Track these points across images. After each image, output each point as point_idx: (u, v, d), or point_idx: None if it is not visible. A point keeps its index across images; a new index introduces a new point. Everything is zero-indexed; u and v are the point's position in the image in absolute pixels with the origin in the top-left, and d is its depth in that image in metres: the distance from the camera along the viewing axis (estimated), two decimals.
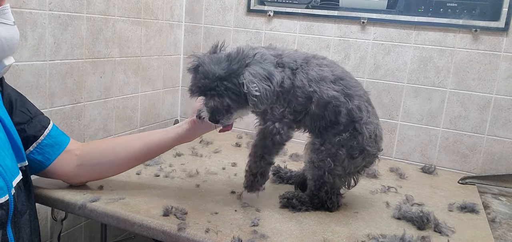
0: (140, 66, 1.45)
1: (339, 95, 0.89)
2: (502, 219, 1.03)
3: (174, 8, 1.59)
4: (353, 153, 0.90)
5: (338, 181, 0.93)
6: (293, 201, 0.94)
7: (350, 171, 0.93)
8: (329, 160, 0.90)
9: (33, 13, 1.04)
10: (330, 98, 0.88)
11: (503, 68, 1.28)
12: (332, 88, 0.89)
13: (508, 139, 1.31)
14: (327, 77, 0.89)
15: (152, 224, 0.82)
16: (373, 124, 0.92)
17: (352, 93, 0.91)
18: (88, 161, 0.92)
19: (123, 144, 0.96)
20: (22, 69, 1.04)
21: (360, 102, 0.91)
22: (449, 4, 1.31)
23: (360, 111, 0.91)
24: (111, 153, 0.94)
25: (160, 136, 0.95)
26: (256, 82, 0.80)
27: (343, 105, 0.89)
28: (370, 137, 0.91)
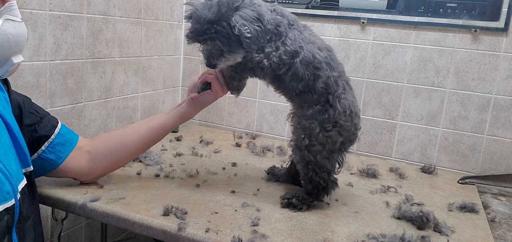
0: (140, 66, 1.45)
1: (322, 60, 0.91)
2: (502, 219, 1.03)
3: (174, 8, 1.59)
4: (326, 126, 0.90)
5: (321, 160, 0.92)
6: (293, 200, 0.94)
7: (330, 148, 0.92)
8: (305, 137, 0.91)
9: (34, 13, 1.04)
10: (314, 59, 0.90)
11: (503, 68, 1.28)
12: (318, 53, 0.91)
13: (507, 139, 1.31)
14: (316, 43, 0.93)
15: (152, 223, 0.82)
16: (347, 100, 0.93)
17: (334, 65, 0.93)
18: (99, 154, 0.95)
19: (130, 131, 0.99)
20: (22, 69, 1.04)
21: (339, 77, 0.93)
22: (449, 4, 1.31)
23: (336, 85, 0.92)
24: (120, 142, 0.97)
25: (164, 118, 0.99)
26: (247, 25, 0.84)
27: (323, 72, 0.91)
28: (344, 112, 0.91)
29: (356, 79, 1.45)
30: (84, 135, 1.25)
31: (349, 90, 0.95)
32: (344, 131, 0.92)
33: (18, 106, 0.84)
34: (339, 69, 0.94)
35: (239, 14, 0.84)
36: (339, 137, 0.92)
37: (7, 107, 0.78)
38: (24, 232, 0.73)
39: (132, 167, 1.12)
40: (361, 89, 1.45)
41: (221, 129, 1.66)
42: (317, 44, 0.93)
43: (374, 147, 1.46)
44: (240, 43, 0.85)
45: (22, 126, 0.83)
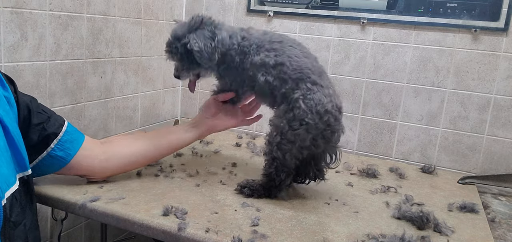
0: (140, 66, 1.45)
1: (273, 79, 0.97)
2: (502, 219, 1.03)
3: (174, 8, 1.59)
4: (293, 125, 0.93)
5: (288, 158, 0.95)
6: (245, 190, 0.99)
7: (299, 145, 0.94)
8: (276, 134, 0.95)
9: (34, 13, 1.04)
10: (264, 83, 0.98)
11: (503, 68, 1.28)
12: (269, 74, 0.97)
13: (507, 139, 1.31)
14: (268, 63, 0.97)
15: (152, 223, 0.82)
16: (314, 100, 0.94)
17: (286, 78, 0.96)
18: (115, 157, 0.97)
19: (150, 139, 1.02)
20: (22, 69, 1.04)
21: (297, 83, 0.96)
22: (449, 4, 1.31)
23: (296, 88, 0.95)
24: (141, 148, 1.00)
25: (183, 136, 1.07)
26: (197, 40, 0.96)
27: (277, 89, 0.97)
28: (310, 110, 0.93)
29: (356, 79, 1.45)
30: None
31: (317, 90, 0.96)
32: (312, 129, 0.93)
33: (27, 107, 0.84)
34: (297, 76, 0.96)
35: (195, 33, 0.97)
36: (307, 134, 0.94)
37: (7, 108, 0.78)
38: (13, 238, 0.71)
39: None
40: (361, 89, 1.45)
41: None
42: (269, 64, 0.97)
43: (374, 147, 1.46)
44: (195, 59, 0.98)
45: (31, 126, 0.84)
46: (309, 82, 0.96)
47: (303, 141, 0.94)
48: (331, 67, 1.48)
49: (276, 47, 0.99)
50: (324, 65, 1.47)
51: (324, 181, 1.05)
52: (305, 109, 0.93)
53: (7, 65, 1.00)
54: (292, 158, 0.95)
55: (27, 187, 0.79)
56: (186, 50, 0.98)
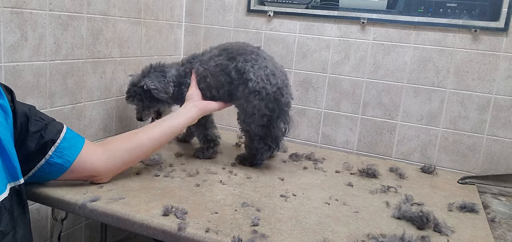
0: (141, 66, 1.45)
1: (223, 60, 1.15)
2: (502, 219, 1.03)
3: (174, 8, 1.59)
4: (249, 98, 1.11)
5: (255, 128, 1.14)
6: (245, 162, 1.20)
7: (260, 114, 1.12)
8: (241, 113, 1.17)
9: (34, 13, 1.04)
10: (217, 65, 1.16)
11: (503, 68, 1.28)
12: (217, 59, 1.16)
13: (508, 139, 1.31)
14: (213, 57, 1.18)
15: (152, 223, 0.82)
16: (259, 68, 1.11)
17: (234, 55, 1.14)
18: (116, 152, 0.97)
19: (145, 131, 1.04)
20: (22, 69, 1.04)
21: (244, 57, 1.13)
22: (449, 4, 1.31)
23: (245, 63, 1.12)
24: (136, 141, 1.01)
25: (174, 122, 1.08)
26: (152, 80, 1.19)
27: (229, 65, 1.14)
28: (261, 79, 1.10)
29: (356, 79, 1.45)
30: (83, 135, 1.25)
31: (261, 61, 1.13)
32: (265, 95, 1.10)
33: (25, 115, 0.84)
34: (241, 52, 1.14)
35: (148, 77, 1.20)
36: (262, 102, 1.10)
37: (0, 118, 0.77)
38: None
39: (132, 167, 1.12)
40: (361, 89, 1.45)
41: (221, 128, 1.66)
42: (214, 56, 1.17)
43: (374, 147, 1.46)
44: (153, 96, 1.20)
45: (28, 134, 0.83)
46: (254, 54, 1.14)
47: (260, 110, 1.11)
48: (331, 67, 1.48)
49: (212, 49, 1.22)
50: (324, 65, 1.48)
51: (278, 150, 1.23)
52: (255, 79, 1.10)
53: (7, 65, 1.00)
54: (257, 127, 1.14)
55: (19, 197, 0.78)
56: (144, 91, 1.20)
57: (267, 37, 1.54)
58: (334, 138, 1.51)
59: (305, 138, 1.55)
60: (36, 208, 1.13)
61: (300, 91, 1.53)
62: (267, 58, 1.15)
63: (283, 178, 1.13)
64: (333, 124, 1.51)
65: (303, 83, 1.52)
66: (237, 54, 1.14)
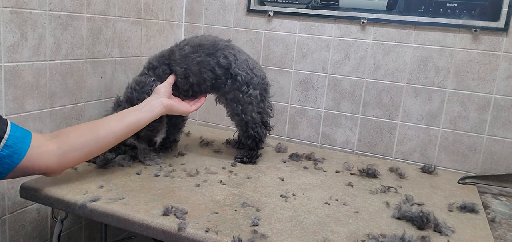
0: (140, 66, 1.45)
1: (202, 57, 1.16)
2: (502, 219, 1.03)
3: (174, 8, 1.59)
4: (243, 89, 1.17)
5: (254, 115, 1.20)
6: (244, 159, 1.23)
7: (256, 102, 1.19)
8: (237, 105, 1.19)
9: (34, 13, 1.04)
10: (198, 63, 1.16)
11: (503, 68, 1.28)
12: (196, 57, 1.17)
13: (508, 139, 1.31)
14: (188, 54, 1.17)
15: (152, 223, 0.82)
16: (242, 62, 1.18)
17: (212, 51, 1.17)
18: (71, 148, 0.90)
19: (103, 125, 0.97)
20: (22, 69, 1.04)
21: (223, 53, 1.17)
22: (449, 4, 1.31)
23: (226, 59, 1.17)
24: (94, 136, 0.94)
25: (138, 116, 1.03)
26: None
27: (211, 62, 1.17)
28: (247, 73, 1.18)
29: (356, 79, 1.45)
30: None
31: (237, 53, 1.19)
32: (255, 84, 1.18)
33: None
34: (218, 48, 1.18)
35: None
36: (256, 90, 1.18)
37: None
38: None
39: (132, 167, 1.12)
40: (361, 89, 1.45)
41: (221, 129, 1.66)
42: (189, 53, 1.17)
43: (374, 147, 1.46)
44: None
45: None
46: (230, 49, 1.19)
47: (256, 97, 1.19)
48: (331, 67, 1.48)
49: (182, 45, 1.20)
50: (324, 65, 1.48)
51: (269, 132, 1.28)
52: (242, 72, 1.17)
53: (7, 65, 1.00)
54: (256, 114, 1.20)
55: None
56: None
57: (267, 37, 1.54)
58: (334, 138, 1.51)
59: (305, 138, 1.55)
60: (36, 208, 1.13)
61: (300, 91, 1.53)
62: (241, 52, 1.22)
63: (283, 178, 1.13)
64: (333, 123, 1.50)
65: (303, 83, 1.52)
66: (215, 50, 1.17)
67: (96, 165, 1.09)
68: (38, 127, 1.10)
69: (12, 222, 1.08)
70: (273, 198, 0.99)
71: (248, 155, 1.23)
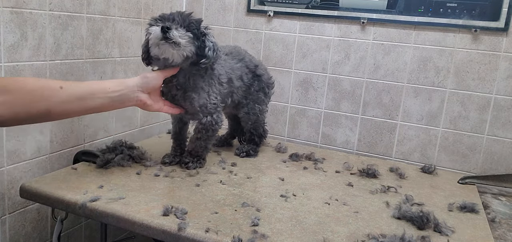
0: (141, 66, 1.45)
1: (239, 64, 1.22)
2: (502, 219, 1.03)
3: (174, 8, 1.59)
4: (265, 90, 1.30)
5: (264, 116, 1.33)
6: (250, 151, 1.29)
7: (266, 103, 1.33)
8: (257, 106, 1.28)
9: (34, 13, 1.04)
10: (239, 68, 1.22)
11: (503, 68, 1.28)
12: (234, 63, 1.21)
13: (508, 139, 1.31)
14: (227, 60, 1.19)
15: (152, 223, 0.82)
16: (261, 64, 1.31)
17: (241, 57, 1.25)
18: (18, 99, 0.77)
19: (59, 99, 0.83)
20: (22, 69, 1.04)
21: (248, 57, 1.27)
22: (449, 4, 1.31)
23: (251, 62, 1.27)
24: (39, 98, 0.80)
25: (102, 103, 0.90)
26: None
27: (244, 67, 1.24)
28: (267, 74, 1.32)
29: (356, 79, 1.45)
30: (83, 135, 1.25)
31: (254, 58, 1.29)
32: (271, 85, 1.33)
33: None
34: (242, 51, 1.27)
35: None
36: (271, 91, 1.33)
37: None
38: None
39: (132, 167, 1.12)
40: (361, 89, 1.45)
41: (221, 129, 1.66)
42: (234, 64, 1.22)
43: (374, 147, 1.46)
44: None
45: None
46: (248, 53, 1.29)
47: (268, 102, 1.34)
48: (331, 67, 1.48)
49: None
50: (324, 65, 1.48)
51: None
52: (266, 75, 1.30)
53: (7, 65, 1.00)
54: (264, 114, 1.33)
55: None
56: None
57: (267, 37, 1.54)
58: (334, 138, 1.51)
59: (305, 138, 1.55)
60: (36, 208, 1.13)
61: (300, 91, 1.53)
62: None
63: (283, 178, 1.13)
64: (333, 123, 1.50)
65: (303, 83, 1.52)
66: (242, 55, 1.25)
67: (96, 165, 1.09)
68: (38, 127, 1.10)
69: (12, 222, 1.08)
70: (273, 198, 0.99)
71: (253, 149, 1.30)
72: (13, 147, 1.04)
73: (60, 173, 1.04)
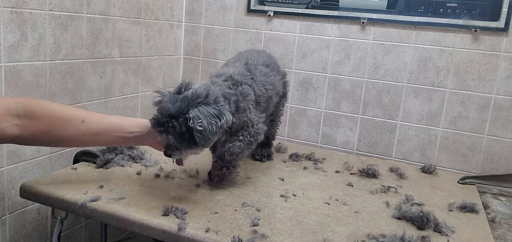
0: (140, 66, 1.45)
1: (277, 75, 1.17)
2: (502, 219, 1.03)
3: (174, 8, 1.59)
4: (286, 95, 1.28)
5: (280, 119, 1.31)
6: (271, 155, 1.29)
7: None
8: (281, 111, 1.29)
9: (33, 13, 1.04)
10: (278, 80, 1.16)
11: (503, 68, 1.28)
12: (273, 76, 1.14)
13: (508, 139, 1.31)
14: (268, 72, 1.11)
15: (152, 223, 0.82)
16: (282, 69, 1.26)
17: (276, 67, 1.19)
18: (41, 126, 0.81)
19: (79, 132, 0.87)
20: (22, 69, 1.04)
21: (277, 65, 1.22)
22: (449, 4, 1.31)
23: (283, 71, 1.25)
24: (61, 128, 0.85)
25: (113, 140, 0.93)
26: (202, 118, 0.83)
27: (280, 78, 1.20)
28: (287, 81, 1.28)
29: (356, 79, 1.45)
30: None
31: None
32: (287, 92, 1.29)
33: None
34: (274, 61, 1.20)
35: (198, 108, 0.85)
36: (285, 100, 1.29)
37: None
38: None
39: (132, 167, 1.12)
40: (361, 89, 1.45)
41: None
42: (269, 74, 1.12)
43: (374, 147, 1.46)
44: (194, 140, 0.84)
45: None
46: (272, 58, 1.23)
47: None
48: (331, 67, 1.47)
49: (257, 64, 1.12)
50: (324, 65, 1.48)
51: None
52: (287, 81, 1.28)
53: (7, 65, 1.00)
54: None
55: None
56: (181, 131, 0.85)
57: (267, 37, 1.54)
58: (334, 138, 1.51)
59: (305, 138, 1.55)
60: (36, 208, 1.13)
61: (300, 91, 1.53)
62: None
63: (283, 178, 1.13)
64: (333, 124, 1.50)
65: (303, 83, 1.52)
66: (277, 65, 1.21)
67: (96, 165, 1.09)
68: None
69: (12, 222, 1.08)
70: (273, 198, 0.99)
71: (269, 152, 1.29)
72: (13, 147, 1.04)
73: (60, 173, 1.04)
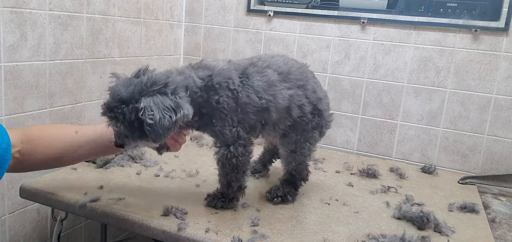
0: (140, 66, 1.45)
1: (295, 91, 0.91)
2: (502, 219, 1.03)
3: (174, 8, 1.59)
4: (321, 130, 0.99)
5: (310, 155, 1.00)
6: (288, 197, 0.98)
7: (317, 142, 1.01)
8: (308, 144, 0.96)
9: (33, 13, 1.04)
10: (289, 98, 0.90)
11: (503, 68, 1.28)
12: (285, 88, 0.90)
13: (508, 139, 1.31)
14: (275, 80, 0.89)
15: (152, 224, 0.82)
16: (325, 95, 1.00)
17: (303, 82, 0.94)
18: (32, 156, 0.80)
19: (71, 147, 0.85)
20: (22, 69, 1.04)
21: (312, 83, 0.96)
22: (449, 4, 1.31)
23: (315, 93, 0.96)
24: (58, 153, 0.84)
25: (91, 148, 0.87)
26: (154, 109, 0.73)
27: (303, 97, 0.92)
28: (329, 108, 1.00)
29: (356, 79, 1.45)
30: None
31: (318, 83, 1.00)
32: (326, 128, 1.01)
33: None
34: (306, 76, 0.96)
35: (152, 98, 0.74)
36: (320, 136, 1.00)
37: None
38: None
39: (132, 167, 1.12)
40: (361, 89, 1.45)
41: None
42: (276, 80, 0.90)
43: (374, 147, 1.46)
44: (144, 131, 0.74)
45: None
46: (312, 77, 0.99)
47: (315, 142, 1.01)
48: (331, 67, 1.47)
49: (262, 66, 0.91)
50: (324, 65, 1.48)
51: None
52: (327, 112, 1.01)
53: (7, 65, 1.00)
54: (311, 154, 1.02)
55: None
56: (130, 119, 0.75)
57: (267, 37, 1.54)
58: (334, 138, 1.51)
59: None
60: (36, 208, 1.13)
61: None
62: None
63: None
64: (333, 123, 1.50)
65: None
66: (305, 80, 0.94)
67: (96, 165, 1.09)
68: None
69: (12, 222, 1.08)
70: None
71: (291, 193, 0.99)
72: None
73: (60, 173, 1.04)
